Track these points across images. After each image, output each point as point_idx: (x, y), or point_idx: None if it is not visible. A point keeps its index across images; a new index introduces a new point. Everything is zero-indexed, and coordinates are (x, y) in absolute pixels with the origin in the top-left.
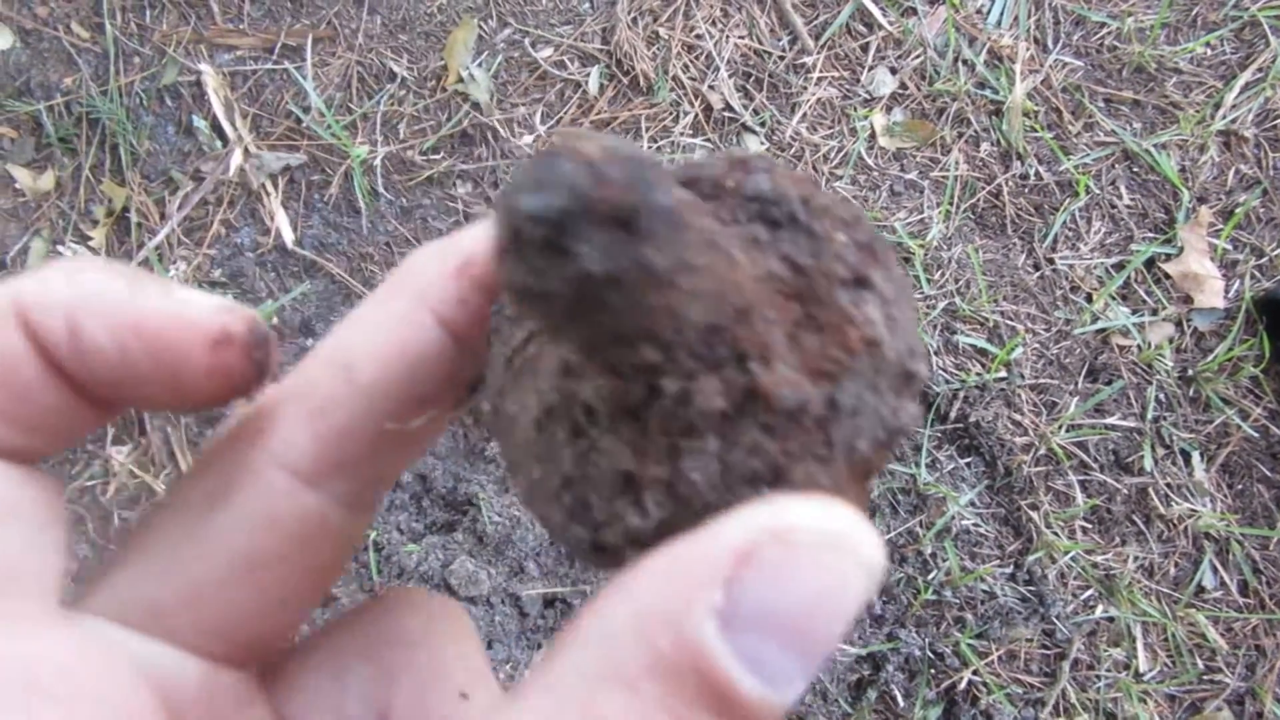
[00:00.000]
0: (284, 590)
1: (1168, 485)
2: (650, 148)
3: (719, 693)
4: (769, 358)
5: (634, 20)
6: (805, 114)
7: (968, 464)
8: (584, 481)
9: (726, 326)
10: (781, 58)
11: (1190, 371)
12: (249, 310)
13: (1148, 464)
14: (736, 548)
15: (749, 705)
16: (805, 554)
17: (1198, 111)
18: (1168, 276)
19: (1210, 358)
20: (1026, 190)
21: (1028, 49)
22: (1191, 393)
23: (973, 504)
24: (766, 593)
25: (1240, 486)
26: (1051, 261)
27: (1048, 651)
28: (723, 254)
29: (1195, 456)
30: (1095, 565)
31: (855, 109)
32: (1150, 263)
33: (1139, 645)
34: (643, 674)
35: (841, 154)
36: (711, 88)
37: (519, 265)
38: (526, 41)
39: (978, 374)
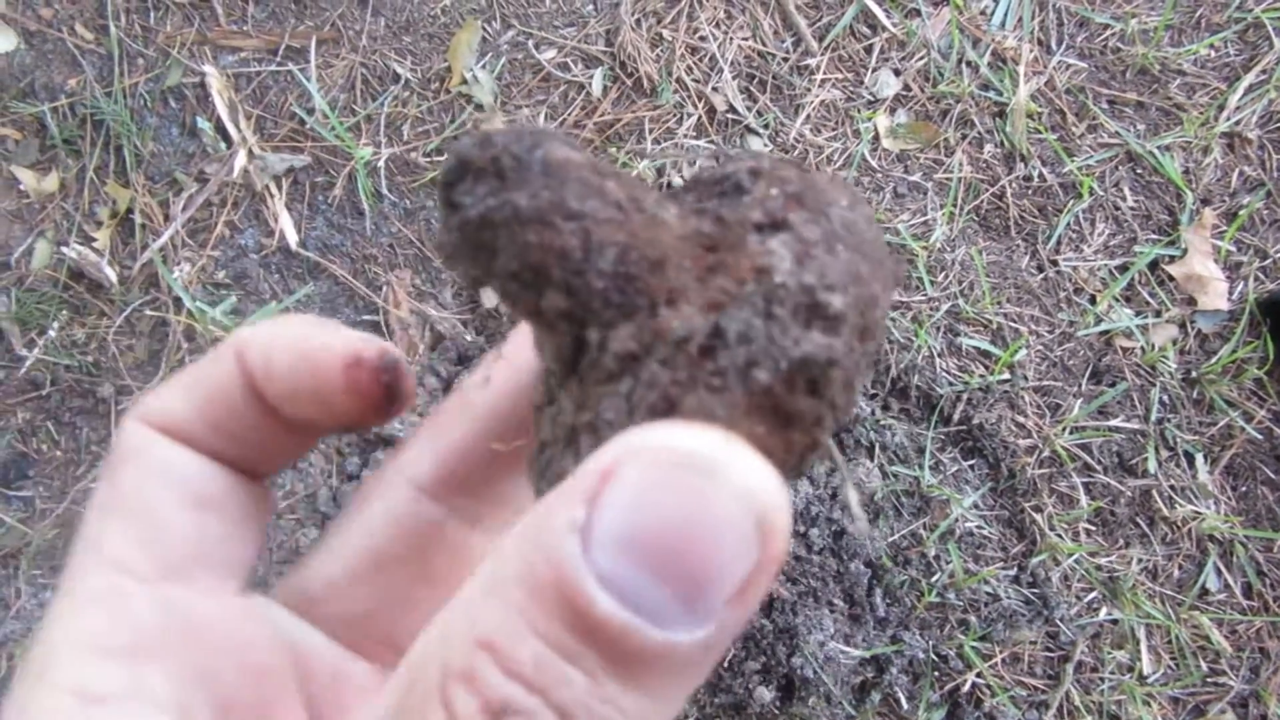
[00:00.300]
0: (404, 591)
1: (1171, 487)
2: (653, 149)
3: (576, 608)
4: (676, 301)
5: (638, 22)
6: (809, 116)
7: (971, 466)
8: (553, 443)
9: (639, 276)
10: (785, 59)
11: (1194, 373)
12: (385, 342)
13: (1151, 466)
14: (602, 467)
15: (608, 627)
16: (662, 474)
17: (1201, 113)
18: (1171, 278)
19: (1214, 360)
20: (1030, 192)
21: (1031, 50)
22: (1195, 395)
23: (976, 506)
24: (623, 512)
25: (1244, 489)
26: (1055, 263)
27: (1051, 654)
28: (647, 215)
29: (1199, 459)
30: (1099, 567)
31: (859, 111)
32: (1154, 264)
33: (1143, 648)
34: (513, 584)
35: (845, 156)
36: (715, 90)
37: (439, 232)
38: (530, 43)
39: (981, 376)
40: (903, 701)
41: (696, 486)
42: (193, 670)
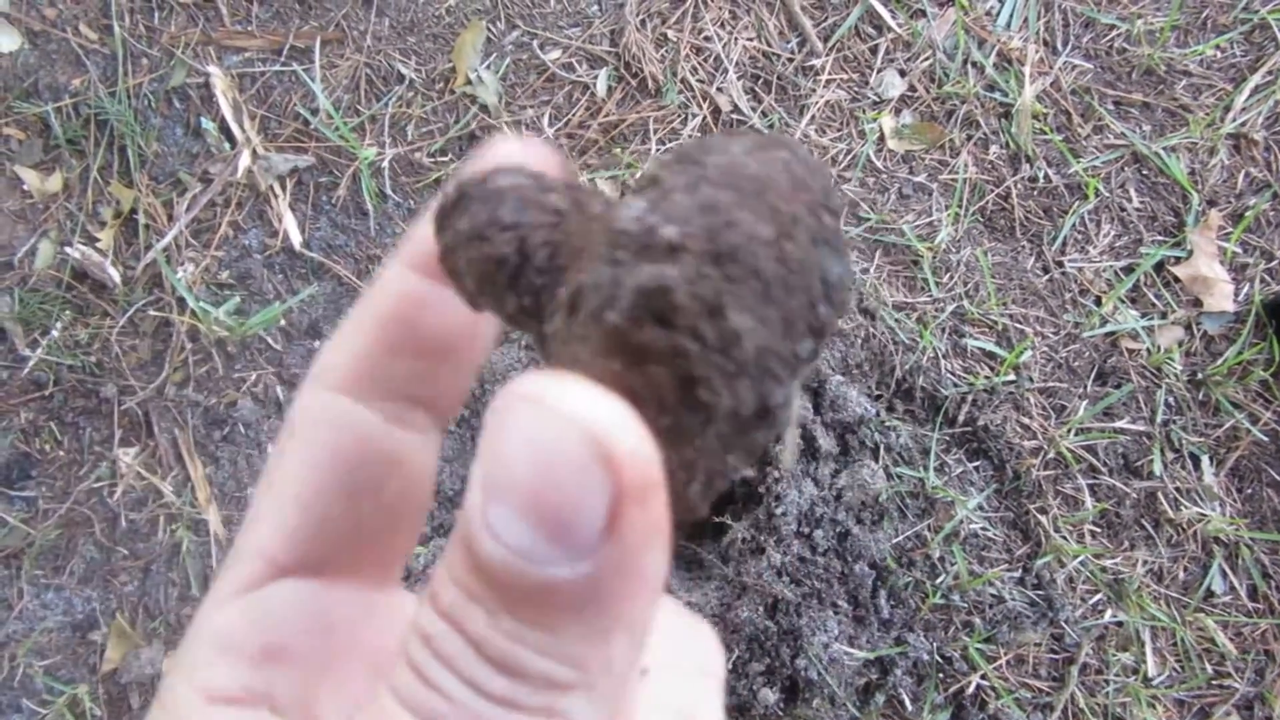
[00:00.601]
0: None
1: (1177, 489)
2: (657, 150)
3: (473, 554)
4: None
5: (642, 22)
6: (814, 116)
7: (976, 468)
8: None
9: (567, 265)
10: (790, 60)
11: (1200, 375)
12: None
13: (1157, 468)
14: (486, 424)
15: (493, 569)
16: (506, 418)
17: (1207, 114)
18: (1177, 280)
19: (1220, 361)
20: (1035, 193)
21: (1037, 51)
22: (1201, 396)
23: (981, 508)
24: (495, 465)
25: (1250, 491)
26: (1060, 264)
27: (1056, 656)
28: (586, 215)
29: (1205, 460)
30: (1104, 569)
31: (864, 111)
32: (1159, 266)
33: (1148, 650)
34: (452, 537)
35: (850, 156)
36: (720, 90)
37: None
38: (535, 44)
39: (986, 377)
40: (907, 703)
41: (533, 428)
42: (322, 672)
